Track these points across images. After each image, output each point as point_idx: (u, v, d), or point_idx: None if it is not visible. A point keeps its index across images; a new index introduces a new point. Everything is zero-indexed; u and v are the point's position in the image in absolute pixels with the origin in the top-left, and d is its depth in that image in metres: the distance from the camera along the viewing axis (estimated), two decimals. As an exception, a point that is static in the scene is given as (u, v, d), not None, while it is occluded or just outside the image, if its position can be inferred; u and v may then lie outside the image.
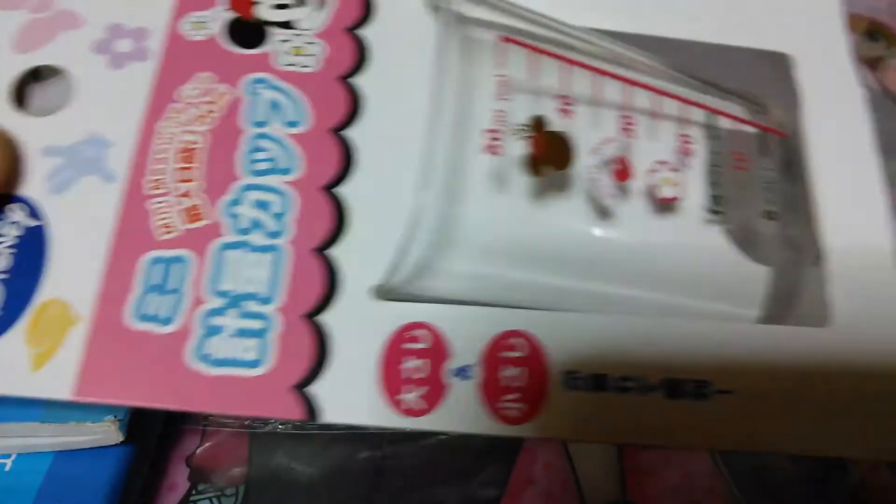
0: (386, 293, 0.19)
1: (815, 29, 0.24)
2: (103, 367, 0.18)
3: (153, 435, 0.24)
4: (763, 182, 0.22)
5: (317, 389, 0.18)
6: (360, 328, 0.19)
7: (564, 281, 0.20)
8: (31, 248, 0.18)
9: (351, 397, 0.18)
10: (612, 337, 0.19)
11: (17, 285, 0.18)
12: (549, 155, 0.19)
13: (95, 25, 0.21)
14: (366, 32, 0.22)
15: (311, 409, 0.18)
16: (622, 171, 0.20)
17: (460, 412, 0.18)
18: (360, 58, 0.22)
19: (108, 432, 0.21)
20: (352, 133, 0.21)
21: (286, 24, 0.22)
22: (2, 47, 0.21)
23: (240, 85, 0.21)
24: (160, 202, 0.19)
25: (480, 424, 0.18)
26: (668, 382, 0.19)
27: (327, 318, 0.19)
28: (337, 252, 0.20)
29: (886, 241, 0.21)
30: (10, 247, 0.18)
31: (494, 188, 0.19)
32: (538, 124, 0.19)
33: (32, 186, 0.19)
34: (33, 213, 0.19)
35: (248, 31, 0.22)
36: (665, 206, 0.20)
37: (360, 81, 0.21)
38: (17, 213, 0.19)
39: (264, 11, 0.22)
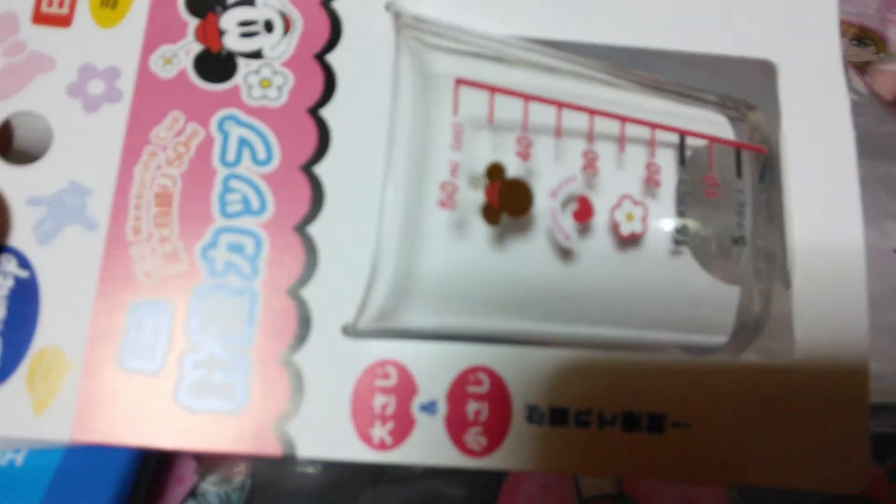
0: (354, 333, 0.20)
1: (809, 34, 0.23)
2: (97, 409, 0.19)
3: None
4: (735, 205, 0.22)
5: (293, 427, 0.20)
6: (332, 367, 0.20)
7: (528, 324, 0.21)
8: (24, 298, 0.20)
9: (325, 434, 0.20)
10: (572, 371, 0.20)
11: (13, 334, 0.20)
12: (506, 203, 0.19)
13: (67, 67, 0.21)
14: (333, 58, 0.22)
15: (288, 445, 0.20)
16: (582, 212, 0.20)
17: (427, 446, 0.20)
18: (327, 87, 0.22)
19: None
20: (321, 169, 0.21)
21: (255, 54, 0.22)
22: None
23: (210, 123, 0.21)
24: (140, 248, 0.20)
25: (446, 457, 0.20)
26: (626, 416, 0.20)
27: (300, 358, 0.20)
28: (308, 292, 0.20)
29: (859, 263, 0.21)
30: (3, 297, 0.20)
31: (452, 238, 0.19)
32: (495, 172, 0.19)
33: (21, 237, 0.20)
34: (23, 263, 0.20)
35: (216, 64, 0.22)
36: (628, 241, 0.21)
37: (328, 113, 0.22)
38: (8, 265, 0.20)
39: (232, 41, 0.22)
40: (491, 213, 0.19)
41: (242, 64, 0.22)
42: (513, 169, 0.20)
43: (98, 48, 0.22)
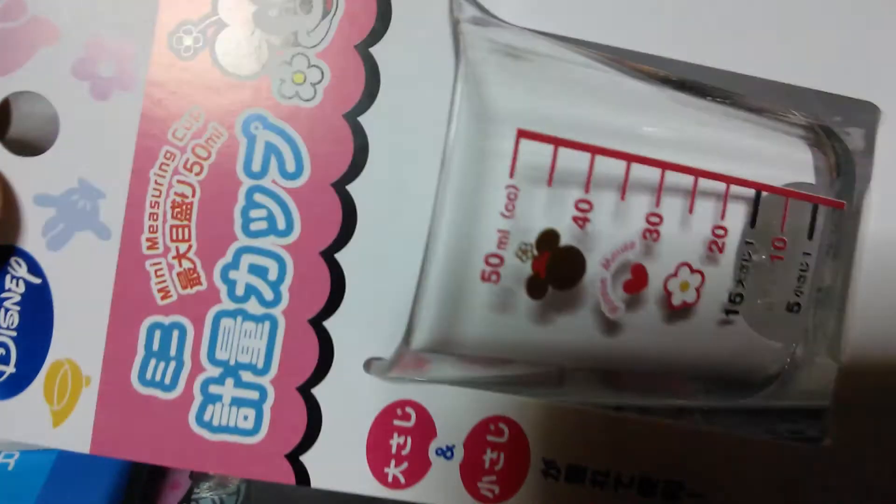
0: (378, 374, 0.19)
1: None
2: (114, 426, 0.19)
3: None
4: (797, 269, 0.20)
5: (308, 458, 0.20)
6: (351, 402, 0.20)
7: (563, 388, 0.20)
8: (37, 306, 0.19)
9: (340, 467, 0.20)
10: (593, 430, 0.20)
11: (28, 343, 0.19)
12: (555, 277, 0.17)
13: (73, 40, 0.19)
14: (377, 51, 0.19)
15: (302, 475, 0.20)
16: (635, 283, 0.18)
17: (440, 489, 0.20)
18: (369, 87, 0.19)
19: None
20: (354, 188, 0.19)
21: (288, 40, 0.19)
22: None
23: (235, 124, 0.19)
24: (156, 263, 0.19)
25: (457, 501, 0.20)
26: (643, 480, 0.20)
27: (320, 391, 0.20)
28: (332, 323, 0.19)
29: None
30: (16, 303, 0.19)
31: (490, 308, 0.18)
32: (547, 241, 0.17)
33: (30, 240, 0.19)
34: (34, 269, 0.19)
35: (243, 49, 0.19)
36: (677, 311, 0.19)
37: (367, 120, 0.19)
38: (19, 269, 0.19)
39: (262, 21, 0.19)
40: (537, 287, 0.17)
41: (273, 52, 0.19)
42: (565, 235, 0.18)
43: (109, 19, 0.19)
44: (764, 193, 0.19)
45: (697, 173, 0.18)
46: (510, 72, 0.18)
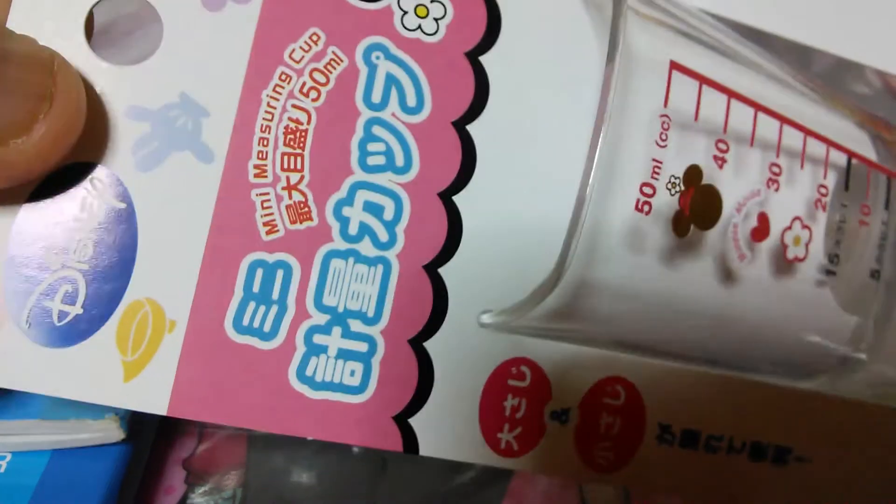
0: (496, 326, 0.18)
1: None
2: (200, 380, 0.16)
3: (150, 434, 0.23)
4: (878, 238, 0.21)
5: (417, 421, 0.18)
6: (464, 358, 0.18)
7: (676, 336, 0.19)
8: (117, 236, 0.16)
9: (450, 431, 0.18)
10: (707, 394, 0.19)
11: (102, 279, 0.16)
12: (698, 213, 0.17)
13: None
14: (499, -9, 0.19)
15: (410, 440, 0.18)
16: (760, 230, 0.18)
17: (553, 456, 0.18)
18: (491, 27, 0.18)
19: (109, 430, 0.20)
20: (475, 129, 0.18)
21: (413, -31, 0.18)
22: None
23: (356, 51, 0.18)
24: (263, 193, 0.17)
25: (571, 470, 0.19)
26: (754, 445, 0.19)
27: (432, 345, 0.18)
28: (447, 271, 0.18)
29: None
30: (91, 231, 0.16)
31: (628, 248, 0.17)
32: (693, 176, 0.17)
33: (116, 158, 0.16)
34: (118, 191, 0.16)
35: (367, -25, 0.18)
36: (788, 266, 0.19)
37: (489, 60, 0.18)
38: (99, 191, 0.16)
39: (388, -52, 0.18)
40: (682, 223, 0.17)
41: (398, -20, 0.18)
42: (707, 177, 0.18)
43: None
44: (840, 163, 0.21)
45: (807, 132, 0.19)
46: (650, 17, 0.18)
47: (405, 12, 0.18)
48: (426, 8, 0.18)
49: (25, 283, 0.16)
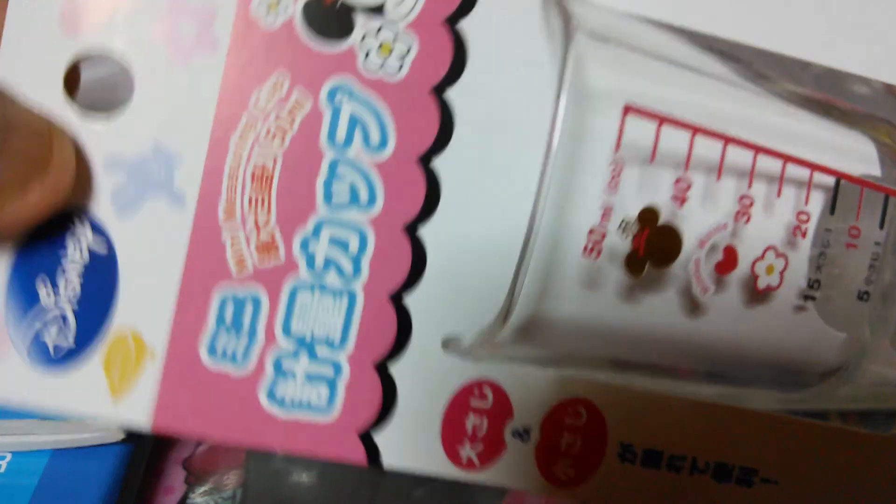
0: (458, 352, 0.19)
1: None
2: (179, 401, 0.18)
3: (149, 434, 0.23)
4: (869, 259, 0.20)
5: (381, 437, 0.19)
6: (428, 380, 0.19)
7: (646, 359, 0.20)
8: (101, 275, 0.18)
9: (413, 446, 0.19)
10: (671, 414, 0.20)
11: (89, 313, 0.18)
12: (654, 253, 0.17)
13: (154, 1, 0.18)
14: (466, 25, 0.19)
15: (374, 455, 0.19)
16: (726, 263, 0.18)
17: (514, 471, 0.19)
18: (456, 62, 0.19)
19: (108, 430, 0.21)
20: (439, 163, 0.19)
21: (376, 8, 0.18)
22: (50, 24, 0.18)
23: (320, 92, 0.18)
24: (232, 232, 0.18)
25: (531, 483, 0.20)
26: (718, 466, 0.20)
27: (397, 368, 0.19)
28: (412, 299, 0.19)
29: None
30: (79, 273, 0.18)
31: (584, 285, 0.18)
32: (648, 217, 0.17)
33: (98, 205, 0.18)
34: (100, 236, 0.18)
35: (329, 17, 0.18)
36: (760, 295, 0.19)
37: (454, 95, 0.19)
38: (84, 236, 0.18)
39: (351, -12, 0.18)
40: (635, 263, 0.17)
41: (360, 21, 0.18)
42: (663, 213, 0.18)
43: (192, -20, 0.18)
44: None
45: (786, 158, 0.19)
46: (606, 52, 0.18)
47: (368, 50, 0.19)
48: (390, 45, 0.19)
49: (25, 317, 0.18)
